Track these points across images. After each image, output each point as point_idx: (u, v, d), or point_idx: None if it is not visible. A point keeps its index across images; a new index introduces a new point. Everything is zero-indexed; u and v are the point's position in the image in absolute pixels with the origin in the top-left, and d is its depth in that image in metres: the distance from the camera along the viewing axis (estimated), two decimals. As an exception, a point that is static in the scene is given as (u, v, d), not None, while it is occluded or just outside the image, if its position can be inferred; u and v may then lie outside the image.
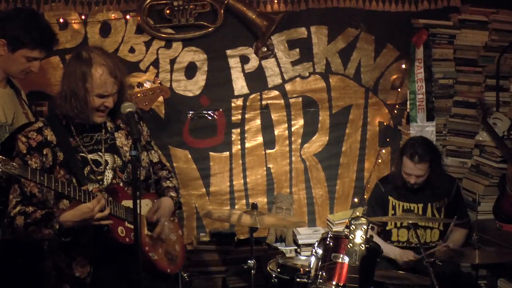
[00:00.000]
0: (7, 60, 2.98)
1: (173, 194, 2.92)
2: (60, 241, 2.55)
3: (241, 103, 4.46)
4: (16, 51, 2.96)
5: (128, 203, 2.66)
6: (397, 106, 4.60)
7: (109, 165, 2.73)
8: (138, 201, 2.30)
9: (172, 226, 2.93)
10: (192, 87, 4.38)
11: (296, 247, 4.38)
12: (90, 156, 2.70)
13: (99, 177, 2.70)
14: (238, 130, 4.48)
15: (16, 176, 2.39)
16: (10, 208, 2.59)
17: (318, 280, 2.94)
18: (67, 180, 2.57)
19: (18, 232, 2.58)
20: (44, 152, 2.62)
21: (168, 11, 4.20)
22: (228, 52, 4.40)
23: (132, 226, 2.56)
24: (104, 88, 2.63)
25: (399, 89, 4.58)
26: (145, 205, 2.76)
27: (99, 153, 2.73)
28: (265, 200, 4.54)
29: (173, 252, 2.87)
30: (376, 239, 3.61)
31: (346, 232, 2.99)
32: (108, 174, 2.71)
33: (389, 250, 3.72)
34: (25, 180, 2.53)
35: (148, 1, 4.15)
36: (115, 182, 2.71)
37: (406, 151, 3.76)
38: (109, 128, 2.80)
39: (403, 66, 4.56)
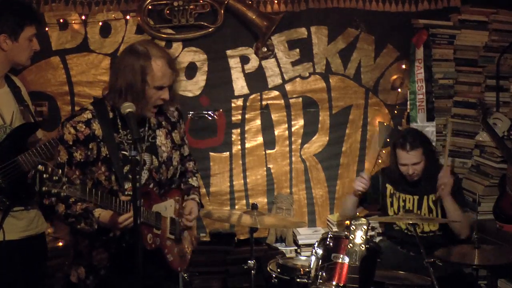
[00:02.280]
0: (14, 50, 2.97)
1: (197, 197, 2.98)
2: (98, 238, 2.63)
3: (241, 103, 4.46)
4: (19, 37, 2.96)
5: (158, 206, 2.73)
6: (397, 107, 4.60)
7: (146, 166, 2.75)
8: (138, 202, 2.33)
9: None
10: (192, 87, 4.39)
11: (296, 247, 4.38)
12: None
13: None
14: (238, 130, 4.48)
15: (77, 197, 2.47)
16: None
17: (318, 281, 2.94)
18: (106, 177, 2.64)
19: (57, 217, 2.66)
20: (90, 146, 2.64)
21: (168, 12, 4.20)
22: (228, 52, 4.40)
23: (159, 232, 2.72)
24: (164, 80, 2.65)
25: (399, 90, 4.58)
26: (169, 206, 2.81)
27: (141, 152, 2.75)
28: (265, 200, 4.54)
29: (184, 250, 2.93)
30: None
31: (346, 233, 2.99)
32: (144, 175, 2.74)
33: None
34: (68, 170, 2.59)
35: (148, 1, 4.15)
36: (148, 183, 2.74)
37: (397, 144, 3.82)
38: (152, 124, 2.82)
39: (403, 66, 4.56)
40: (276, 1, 4.38)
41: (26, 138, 3.00)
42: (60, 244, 4.09)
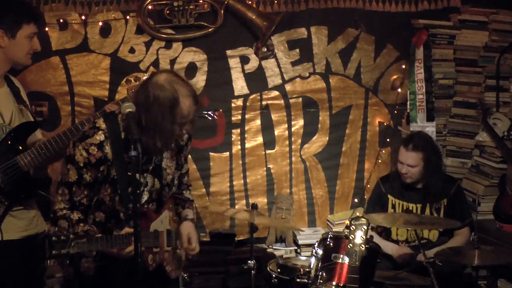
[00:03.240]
0: (11, 47, 2.95)
1: (191, 213, 2.94)
2: (95, 263, 2.64)
3: (241, 104, 4.46)
4: (16, 34, 2.93)
5: (155, 224, 2.72)
6: (397, 107, 4.60)
7: (147, 187, 2.75)
8: (138, 204, 2.33)
9: None
10: (192, 88, 4.38)
11: (296, 248, 4.38)
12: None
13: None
14: (238, 130, 4.48)
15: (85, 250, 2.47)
16: (57, 208, 2.64)
17: (318, 281, 2.95)
18: (110, 198, 2.64)
19: (60, 230, 2.63)
20: (101, 169, 2.62)
21: (168, 12, 4.20)
22: (228, 52, 4.40)
23: (157, 250, 2.71)
24: (189, 117, 2.65)
25: (399, 90, 4.58)
26: (165, 218, 2.79)
27: (144, 174, 2.73)
28: (265, 200, 4.54)
29: (180, 258, 2.92)
30: (376, 237, 3.61)
31: (346, 233, 2.99)
32: (144, 196, 2.74)
33: (385, 246, 3.72)
34: (77, 189, 2.60)
35: (148, 1, 4.15)
36: (145, 207, 2.73)
37: (404, 141, 3.85)
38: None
39: (403, 66, 4.56)
40: (276, 1, 4.38)
41: (26, 138, 3.00)
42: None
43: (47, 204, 3.78)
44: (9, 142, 2.90)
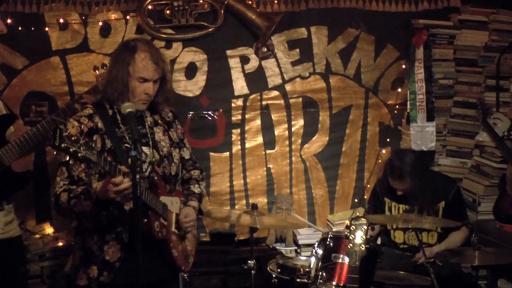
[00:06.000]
0: None
1: (194, 204, 2.98)
2: (98, 212, 2.62)
3: (241, 104, 4.46)
4: None
5: (165, 199, 2.77)
6: (397, 107, 4.60)
7: (148, 159, 2.79)
8: (141, 198, 2.34)
9: None
10: (192, 88, 4.39)
11: (296, 248, 4.38)
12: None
13: (140, 168, 2.72)
14: (238, 130, 4.48)
15: (93, 162, 2.43)
16: (58, 188, 2.66)
17: (318, 281, 2.95)
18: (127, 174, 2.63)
19: (63, 209, 2.65)
20: (94, 138, 2.69)
21: (168, 12, 4.20)
22: (228, 52, 4.40)
23: (165, 222, 2.75)
24: (146, 72, 2.73)
25: (399, 90, 4.58)
26: (175, 202, 2.85)
27: (141, 145, 2.76)
28: (265, 200, 4.54)
29: (187, 251, 2.94)
30: None
31: (346, 233, 2.99)
32: (147, 168, 2.78)
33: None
34: (74, 164, 2.62)
35: (148, 1, 4.15)
36: (153, 176, 2.78)
37: (387, 170, 3.75)
38: (148, 123, 2.88)
39: (403, 66, 4.56)
40: (276, 1, 4.38)
41: (4, 131, 2.98)
42: (60, 244, 4.09)
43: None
44: None
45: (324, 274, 2.95)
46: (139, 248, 2.32)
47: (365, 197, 4.46)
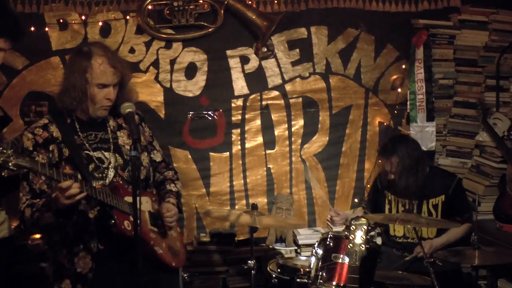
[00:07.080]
0: None
1: (173, 200, 2.96)
2: (61, 222, 2.58)
3: (241, 104, 4.46)
4: None
5: (130, 199, 2.69)
6: (397, 107, 4.60)
7: (111, 164, 2.77)
8: (138, 198, 2.32)
9: None
10: (192, 88, 4.39)
11: (296, 248, 4.38)
12: (94, 154, 2.75)
13: (103, 175, 2.74)
14: (238, 130, 4.48)
15: (28, 169, 2.39)
16: (21, 204, 2.64)
17: (318, 281, 2.95)
18: (73, 176, 2.58)
19: (29, 224, 2.63)
20: (51, 148, 2.66)
21: (168, 12, 4.20)
22: (228, 52, 4.40)
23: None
24: (105, 77, 2.69)
25: (399, 90, 4.58)
26: (145, 202, 2.82)
27: (103, 151, 2.77)
28: (265, 200, 4.54)
29: (175, 248, 2.93)
30: None
31: (346, 233, 2.99)
32: (110, 173, 2.75)
33: None
34: (33, 177, 2.58)
35: (148, 1, 4.15)
36: (115, 180, 2.74)
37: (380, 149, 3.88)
38: (111, 127, 2.85)
39: (403, 66, 4.56)
40: (276, 1, 4.38)
41: None
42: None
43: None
44: None
45: (324, 274, 2.95)
46: (139, 250, 2.31)
47: (365, 197, 4.46)
